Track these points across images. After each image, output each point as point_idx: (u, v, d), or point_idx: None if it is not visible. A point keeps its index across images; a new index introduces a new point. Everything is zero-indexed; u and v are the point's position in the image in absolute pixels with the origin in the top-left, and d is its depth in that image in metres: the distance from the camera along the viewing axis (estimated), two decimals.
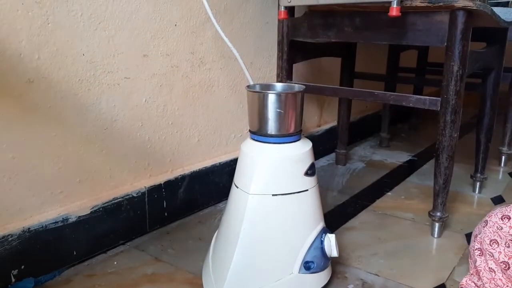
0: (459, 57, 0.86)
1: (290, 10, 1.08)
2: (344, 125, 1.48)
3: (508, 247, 0.66)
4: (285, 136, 0.72)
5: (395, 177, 1.41)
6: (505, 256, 0.65)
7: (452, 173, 0.95)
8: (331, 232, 0.77)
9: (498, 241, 0.67)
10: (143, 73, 0.94)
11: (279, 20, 1.10)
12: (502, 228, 0.67)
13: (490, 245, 0.68)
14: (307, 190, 0.73)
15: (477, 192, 1.27)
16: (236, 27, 1.14)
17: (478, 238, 0.71)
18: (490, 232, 0.68)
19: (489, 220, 0.71)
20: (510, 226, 0.66)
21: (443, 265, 0.88)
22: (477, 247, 0.70)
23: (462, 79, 0.88)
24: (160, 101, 0.99)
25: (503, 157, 1.52)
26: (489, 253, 0.67)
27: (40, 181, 0.80)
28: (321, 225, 0.75)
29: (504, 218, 0.68)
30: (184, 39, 1.01)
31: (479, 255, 0.70)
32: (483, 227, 0.70)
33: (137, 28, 0.91)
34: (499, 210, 0.70)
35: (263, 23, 1.22)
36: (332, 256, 0.74)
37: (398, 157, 1.61)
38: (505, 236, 0.66)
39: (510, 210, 0.69)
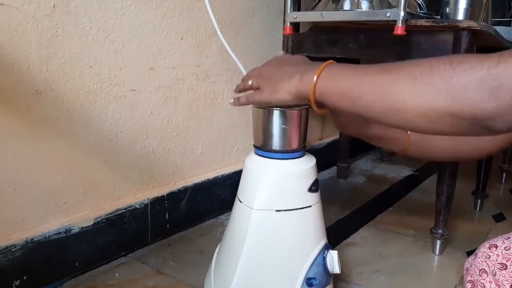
0: None
1: (295, 25, 1.09)
2: (346, 139, 1.48)
3: (495, 275, 0.65)
4: (290, 152, 0.73)
5: (396, 192, 1.41)
6: (496, 285, 0.65)
7: (454, 191, 0.95)
8: (333, 249, 0.77)
9: (487, 270, 0.66)
10: (149, 86, 0.94)
11: (284, 35, 1.11)
12: (490, 257, 0.66)
13: (480, 275, 0.67)
14: (310, 206, 0.73)
15: (478, 209, 1.27)
16: (241, 41, 1.15)
17: (469, 271, 0.70)
18: (479, 262, 0.68)
19: (478, 252, 0.70)
20: (497, 255, 0.66)
21: (444, 284, 0.88)
22: (468, 279, 0.70)
23: None
24: (165, 113, 0.99)
25: (504, 174, 1.52)
26: (480, 284, 0.67)
27: (44, 192, 0.80)
28: (323, 241, 0.75)
29: (491, 247, 0.67)
30: (190, 52, 1.02)
31: None
32: (473, 259, 0.70)
33: (144, 41, 0.91)
34: (487, 241, 0.70)
35: (268, 37, 1.23)
36: (334, 272, 0.74)
37: (399, 172, 1.61)
38: (493, 264, 0.66)
39: (497, 239, 0.69)
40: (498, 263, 0.64)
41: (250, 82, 0.66)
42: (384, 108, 0.50)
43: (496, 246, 0.66)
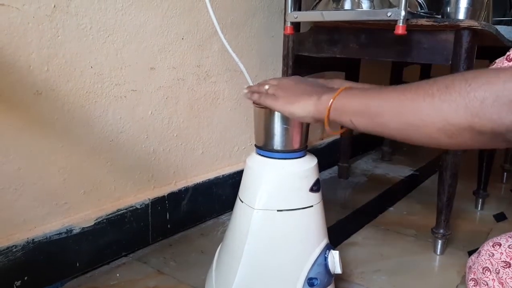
0: None
1: (296, 25, 1.09)
2: (346, 139, 1.48)
3: (498, 273, 0.65)
4: (291, 152, 0.72)
5: (397, 192, 1.41)
6: (499, 283, 0.65)
7: (455, 190, 0.95)
8: (335, 249, 0.77)
9: (490, 268, 0.66)
10: (150, 86, 0.94)
11: (284, 35, 1.11)
12: (493, 255, 0.66)
13: (483, 273, 0.67)
14: (311, 206, 0.73)
15: (479, 208, 1.27)
16: (242, 41, 1.15)
17: (472, 269, 0.70)
18: (483, 260, 0.68)
19: (482, 250, 0.70)
20: (501, 253, 0.66)
21: (445, 284, 0.88)
22: (471, 277, 0.70)
23: None
24: (166, 114, 0.99)
25: (506, 173, 1.52)
26: (483, 282, 0.67)
27: (45, 192, 0.80)
28: (325, 241, 0.75)
29: (495, 245, 0.67)
30: (191, 52, 1.02)
31: (474, 286, 0.69)
32: (476, 257, 0.70)
33: (145, 41, 0.91)
34: (491, 239, 0.69)
35: (268, 37, 1.23)
36: (335, 273, 0.74)
37: (400, 172, 1.61)
38: (496, 262, 0.66)
39: (501, 237, 0.69)
40: (501, 261, 0.64)
41: (266, 87, 0.67)
42: (403, 125, 0.51)
43: (500, 244, 0.66)
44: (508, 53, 0.71)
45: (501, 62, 0.73)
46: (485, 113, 0.44)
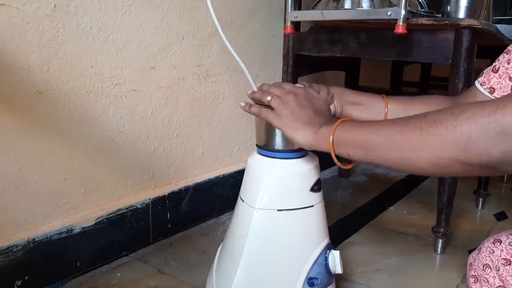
0: (464, 74, 0.87)
1: (296, 25, 1.09)
2: None
3: (498, 270, 0.65)
4: (292, 151, 0.72)
5: (397, 191, 1.41)
6: (499, 280, 0.65)
7: (456, 190, 0.95)
8: (335, 248, 0.77)
9: (490, 265, 0.66)
10: (150, 85, 0.94)
11: (285, 34, 1.11)
12: (494, 252, 0.66)
13: (484, 270, 0.67)
14: (312, 206, 0.73)
15: (479, 208, 1.27)
16: (242, 41, 1.15)
17: (473, 266, 0.70)
18: (483, 257, 0.68)
19: (482, 247, 0.70)
20: (501, 250, 0.66)
21: (446, 283, 0.88)
22: (471, 274, 0.70)
23: None
24: (166, 113, 0.99)
25: None
26: (484, 279, 0.67)
27: (46, 192, 0.80)
28: (325, 241, 0.75)
29: (495, 242, 0.67)
30: (191, 52, 1.02)
31: (474, 283, 0.69)
32: (477, 254, 0.70)
33: (145, 41, 0.91)
34: (492, 236, 0.70)
35: (269, 37, 1.23)
36: (336, 272, 0.74)
37: (400, 171, 1.61)
38: (496, 259, 0.66)
39: (502, 234, 0.69)
40: (502, 258, 0.64)
41: (269, 99, 0.67)
42: (396, 159, 0.53)
43: (500, 241, 0.66)
44: (507, 49, 0.72)
45: (491, 70, 0.74)
46: (472, 147, 0.45)
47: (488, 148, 0.43)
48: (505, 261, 0.64)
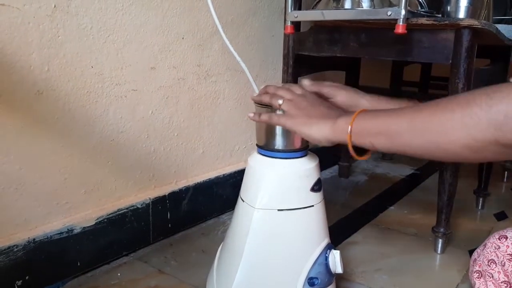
0: (464, 74, 0.87)
1: (296, 24, 1.09)
2: None
3: (503, 265, 0.65)
4: (292, 151, 0.72)
5: (398, 191, 1.41)
6: (504, 275, 0.65)
7: (456, 189, 0.95)
8: (336, 248, 0.77)
9: (496, 260, 0.67)
10: (150, 85, 0.94)
11: (285, 34, 1.11)
12: (499, 247, 0.67)
13: (489, 265, 0.67)
14: (312, 206, 0.73)
15: (480, 207, 1.27)
16: (242, 40, 1.15)
17: (477, 261, 0.70)
18: (488, 253, 0.68)
19: (488, 242, 0.70)
20: (507, 246, 0.66)
21: (446, 282, 0.88)
22: (476, 269, 0.70)
23: None
24: (166, 113, 0.99)
25: (506, 172, 1.52)
26: (489, 274, 0.67)
27: (46, 192, 0.80)
28: (326, 241, 0.75)
29: (501, 238, 0.68)
30: (191, 52, 1.02)
31: (478, 278, 0.69)
32: (482, 250, 0.70)
33: (145, 41, 0.91)
34: (497, 232, 0.70)
35: (269, 36, 1.23)
36: (336, 272, 0.74)
37: (401, 171, 1.61)
38: (502, 255, 0.66)
39: (508, 230, 0.69)
40: (507, 254, 0.65)
41: (280, 102, 0.65)
42: (425, 143, 0.51)
43: (506, 237, 0.66)
44: None
45: None
46: (509, 126, 0.43)
47: None
48: (510, 257, 0.65)
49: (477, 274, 0.69)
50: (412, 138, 0.52)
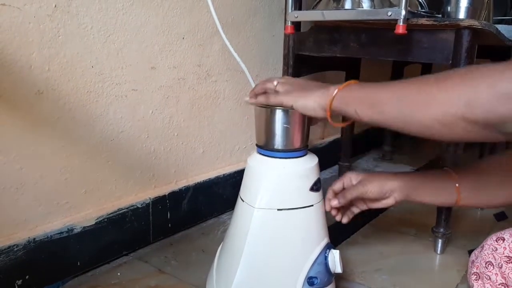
0: None
1: (297, 24, 1.09)
2: (347, 138, 1.48)
3: (500, 267, 0.65)
4: (292, 151, 0.73)
5: None
6: (502, 277, 0.65)
7: None
8: (335, 248, 0.77)
9: (493, 262, 0.67)
10: (150, 85, 0.95)
11: (285, 34, 1.11)
12: (496, 250, 0.67)
13: (486, 267, 0.67)
14: (312, 205, 0.73)
15: (479, 208, 1.27)
16: (243, 41, 1.15)
17: (475, 263, 0.70)
18: (486, 255, 0.68)
19: (485, 244, 0.70)
20: (504, 248, 0.66)
21: (446, 283, 0.88)
22: (473, 271, 0.70)
23: None
24: (166, 113, 0.99)
25: None
26: (486, 276, 0.67)
27: (47, 191, 0.80)
28: (325, 240, 0.76)
29: (498, 240, 0.68)
30: (192, 52, 1.02)
31: (476, 280, 0.70)
32: (479, 252, 0.70)
33: (146, 41, 0.92)
34: (494, 234, 0.70)
35: (269, 36, 1.23)
36: (336, 272, 0.74)
37: (401, 171, 1.61)
38: (499, 257, 0.66)
39: (505, 232, 0.69)
40: (505, 256, 0.64)
41: (275, 83, 0.68)
42: (402, 114, 0.53)
43: (503, 239, 0.66)
44: None
45: None
46: (479, 102, 0.44)
47: (494, 104, 0.43)
48: (508, 259, 0.64)
49: (475, 276, 0.69)
50: (392, 108, 0.54)
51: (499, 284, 0.65)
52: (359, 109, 0.58)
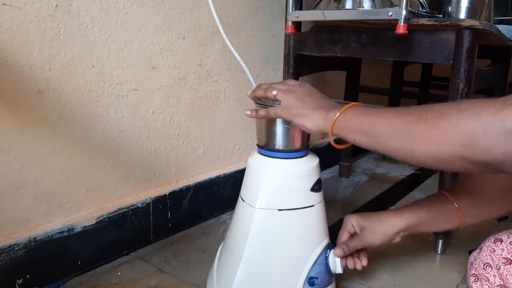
0: (465, 75, 0.87)
1: (297, 24, 1.09)
2: None
3: (499, 269, 0.65)
4: (293, 151, 0.73)
5: (398, 191, 1.41)
6: (500, 279, 0.65)
7: None
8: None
9: (491, 264, 0.67)
10: (151, 85, 0.95)
11: (286, 34, 1.11)
12: (495, 251, 0.67)
13: (484, 269, 0.67)
14: (313, 205, 0.73)
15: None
16: (243, 40, 1.15)
17: (473, 264, 0.70)
18: (484, 256, 0.68)
19: (483, 246, 0.70)
20: (502, 249, 0.66)
21: (446, 283, 0.88)
22: (472, 273, 0.70)
23: (467, 96, 0.89)
24: (167, 113, 1.00)
25: None
26: (484, 278, 0.67)
27: (47, 191, 0.80)
28: (326, 240, 0.76)
29: (496, 241, 0.68)
30: (192, 51, 1.02)
31: (474, 281, 0.70)
32: (478, 253, 0.70)
33: (146, 41, 0.92)
34: (493, 235, 0.70)
35: (270, 36, 1.23)
36: (336, 272, 0.74)
37: (401, 171, 1.61)
38: (497, 258, 0.66)
39: (503, 234, 0.69)
40: (503, 258, 0.65)
41: (274, 93, 0.67)
42: (400, 148, 0.53)
43: (501, 241, 0.66)
44: None
45: None
46: (475, 144, 0.44)
47: (490, 146, 0.43)
48: (506, 260, 0.64)
49: (474, 278, 0.69)
50: (390, 141, 0.54)
51: (497, 286, 0.65)
52: (358, 138, 0.59)
